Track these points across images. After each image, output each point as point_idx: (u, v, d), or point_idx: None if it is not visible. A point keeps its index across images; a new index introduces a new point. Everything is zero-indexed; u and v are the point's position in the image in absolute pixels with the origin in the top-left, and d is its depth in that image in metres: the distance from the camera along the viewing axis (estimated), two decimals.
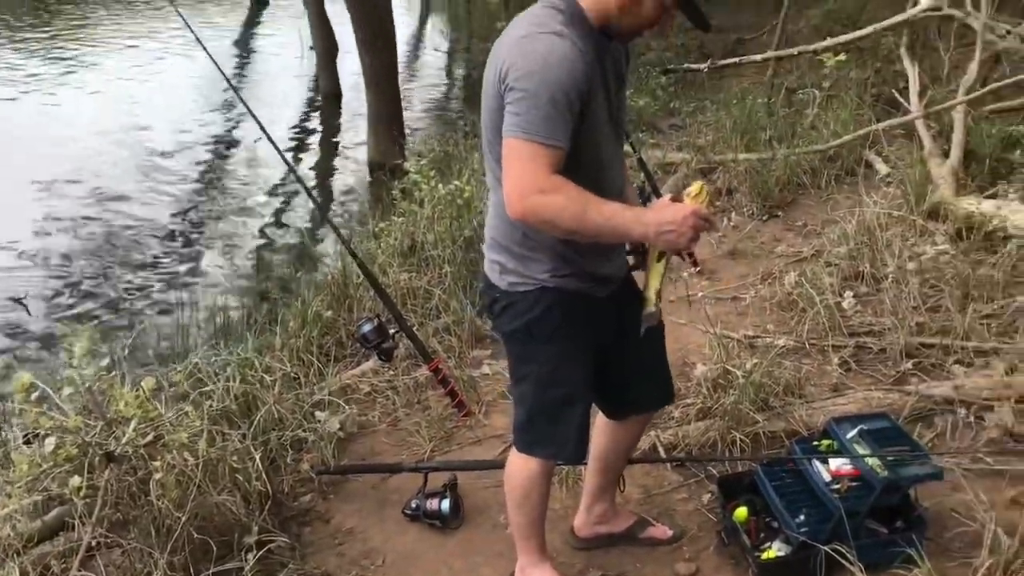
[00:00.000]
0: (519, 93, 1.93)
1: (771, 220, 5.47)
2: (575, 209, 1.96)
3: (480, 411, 3.70)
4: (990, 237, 4.39)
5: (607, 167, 2.20)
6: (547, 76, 1.92)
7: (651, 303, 2.24)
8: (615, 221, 2.01)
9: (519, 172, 1.95)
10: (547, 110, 1.92)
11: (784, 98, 7.30)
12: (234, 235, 6.91)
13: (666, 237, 2.02)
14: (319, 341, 4.19)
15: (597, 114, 2.06)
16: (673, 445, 3.24)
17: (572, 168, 1.98)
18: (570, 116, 1.95)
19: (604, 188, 2.10)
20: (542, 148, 1.93)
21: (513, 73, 1.95)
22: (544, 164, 1.93)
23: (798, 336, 3.90)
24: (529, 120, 1.92)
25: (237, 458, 2.97)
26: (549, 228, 2.01)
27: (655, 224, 2.01)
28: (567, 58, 1.94)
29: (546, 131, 1.92)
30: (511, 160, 1.97)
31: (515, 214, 1.98)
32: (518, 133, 1.94)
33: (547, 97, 1.91)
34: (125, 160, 8.60)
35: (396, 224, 5.13)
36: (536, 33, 1.97)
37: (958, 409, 3.24)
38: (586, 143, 2.03)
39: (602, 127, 2.11)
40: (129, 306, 5.62)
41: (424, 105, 11.09)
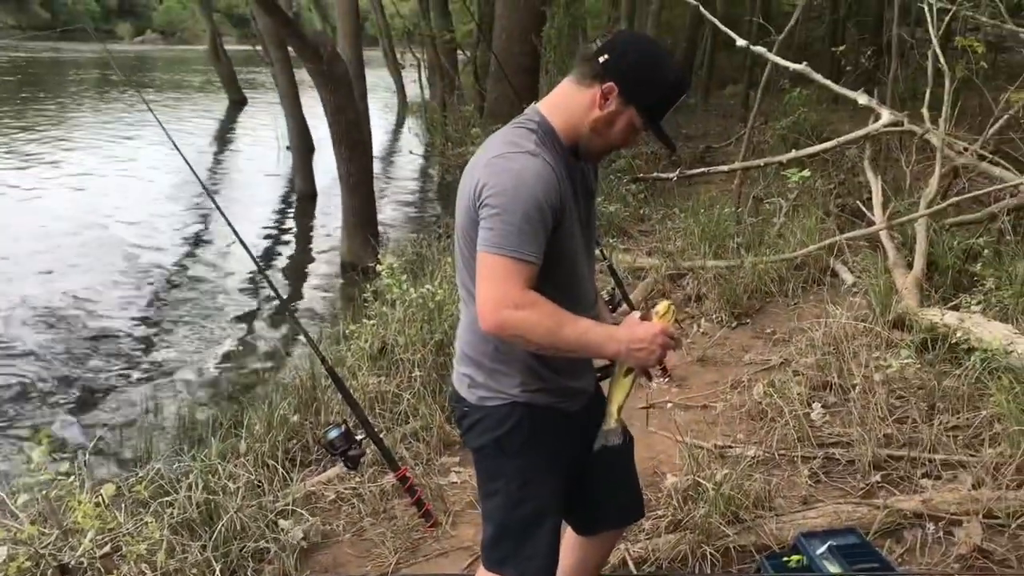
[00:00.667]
0: (493, 209, 1.96)
1: (740, 327, 5.52)
2: (549, 325, 1.97)
3: (447, 521, 3.64)
4: (954, 349, 4.45)
5: (580, 280, 2.22)
6: (520, 193, 1.95)
7: (612, 418, 2.23)
8: (588, 338, 2.03)
9: (492, 286, 1.97)
10: (520, 225, 1.94)
11: (752, 207, 7.46)
12: (202, 336, 6.85)
13: (636, 355, 2.05)
14: (285, 445, 4.12)
15: (570, 229, 2.09)
16: (643, 559, 3.19)
17: (546, 282, 2.00)
18: (543, 231, 1.98)
19: (578, 301, 2.12)
20: (515, 263, 1.95)
21: (487, 191, 1.98)
22: (517, 279, 1.95)
23: (768, 446, 3.90)
24: (503, 235, 1.95)
25: (197, 571, 2.90)
26: (522, 343, 2.02)
27: (627, 342, 2.04)
28: (540, 176, 1.98)
29: (519, 246, 1.95)
30: (484, 274, 1.98)
31: (488, 327, 1.98)
32: (492, 248, 1.96)
33: (521, 213, 1.94)
34: (94, 257, 8.59)
35: (367, 326, 5.12)
36: (510, 152, 2.02)
37: (927, 524, 3.23)
38: (560, 257, 2.06)
39: (575, 242, 2.14)
40: (92, 404, 5.53)
41: (398, 207, 11.22)
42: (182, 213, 10.38)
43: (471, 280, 2.12)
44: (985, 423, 3.80)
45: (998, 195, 5.98)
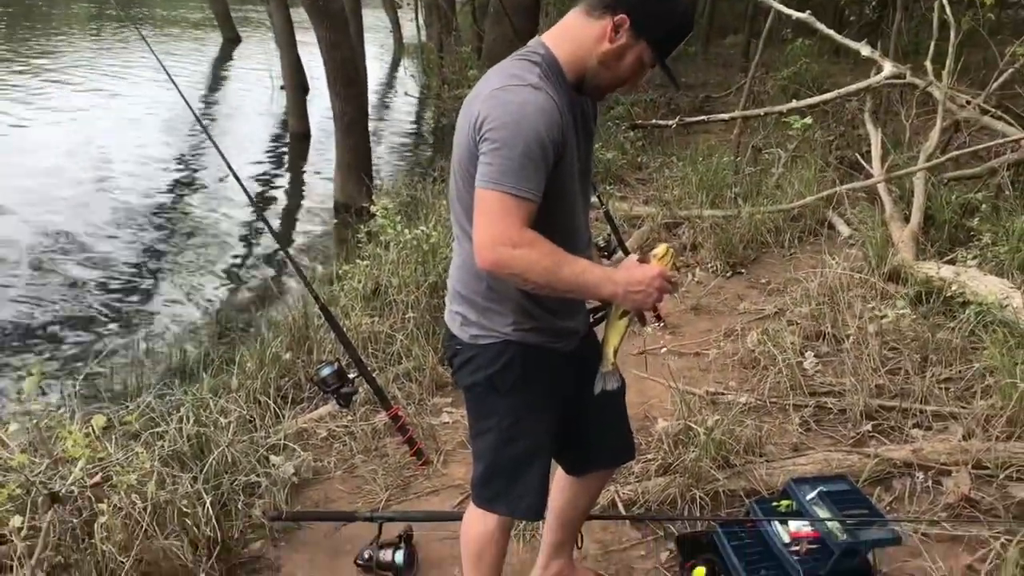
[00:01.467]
0: (493, 144, 1.92)
1: (735, 277, 5.51)
2: (546, 264, 1.94)
3: (438, 460, 3.65)
4: (949, 302, 4.45)
5: (576, 220, 2.19)
6: (522, 127, 1.91)
7: (608, 361, 2.23)
8: (585, 278, 2.01)
9: (491, 223, 1.93)
10: (521, 161, 1.90)
11: (750, 157, 7.41)
12: (195, 272, 6.81)
13: (633, 297, 2.03)
14: (277, 383, 4.12)
15: (570, 167, 2.05)
16: (632, 501, 3.21)
17: (542, 220, 1.96)
18: (544, 168, 1.94)
19: (573, 241, 2.10)
20: (514, 200, 1.91)
21: (488, 124, 1.93)
22: (516, 217, 1.92)
23: (760, 394, 3.90)
24: (503, 171, 1.90)
25: (187, 502, 2.88)
26: (519, 282, 1.99)
27: (624, 284, 2.02)
28: (543, 110, 1.93)
29: (519, 183, 1.91)
30: (482, 211, 1.95)
31: (485, 265, 1.95)
32: (491, 184, 1.92)
33: (522, 148, 1.90)
34: (87, 192, 8.50)
35: (360, 267, 5.09)
36: (512, 85, 1.97)
37: (916, 473, 3.25)
38: (558, 195, 2.02)
39: (574, 180, 2.10)
40: (83, 341, 5.50)
41: (393, 149, 11.11)
42: (175, 150, 10.26)
43: (466, 217, 2.09)
44: (977, 376, 3.81)
45: (999, 150, 5.95)
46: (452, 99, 11.28)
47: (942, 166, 6.03)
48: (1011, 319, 3.97)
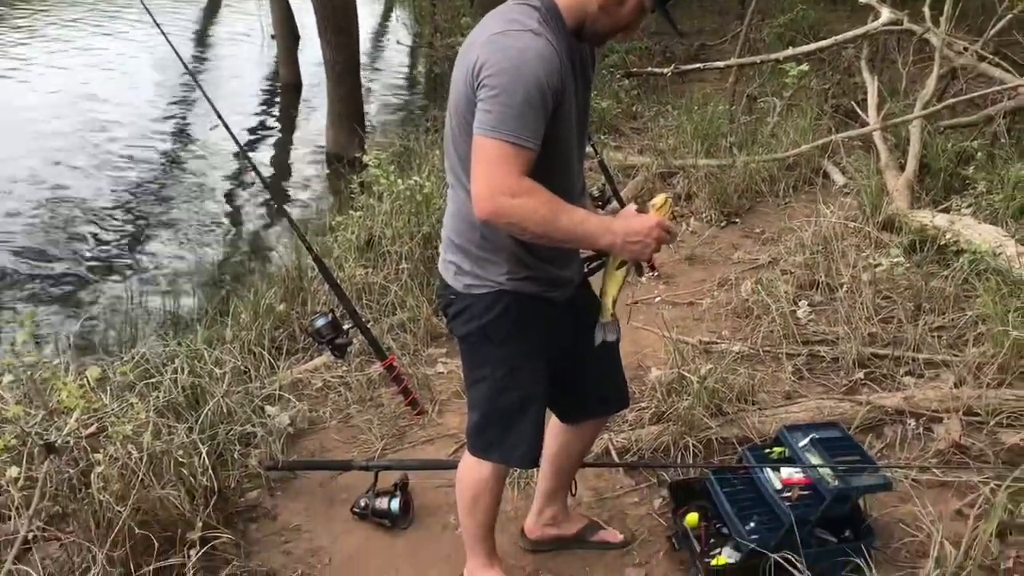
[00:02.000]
0: (493, 90, 1.89)
1: (729, 226, 5.50)
2: (545, 213, 1.93)
3: (433, 410, 3.66)
4: (943, 251, 4.45)
5: (571, 169, 2.18)
6: (522, 73, 1.88)
7: (608, 312, 2.24)
8: (584, 228, 2.00)
9: (489, 172, 1.91)
10: (521, 108, 1.88)
11: (745, 105, 7.34)
12: (187, 224, 6.77)
13: (632, 247, 2.03)
14: (271, 334, 4.12)
15: (567, 114, 2.03)
16: (626, 449, 3.24)
17: (538, 167, 1.94)
18: (543, 115, 1.92)
19: (569, 189, 2.08)
20: (513, 148, 1.89)
21: (487, 70, 1.90)
22: (515, 165, 1.90)
23: (753, 343, 3.92)
24: (502, 118, 1.88)
25: (183, 452, 2.90)
26: (517, 231, 1.98)
27: (622, 233, 2.01)
28: (543, 56, 1.90)
29: (519, 130, 1.88)
30: (481, 159, 1.92)
31: (483, 214, 1.93)
32: (489, 132, 1.89)
33: (522, 95, 1.88)
34: (78, 144, 8.40)
35: (353, 218, 5.06)
36: (511, 30, 1.93)
37: (908, 420, 3.28)
38: (555, 143, 2.00)
39: (571, 128, 2.08)
40: (77, 293, 5.48)
41: (385, 99, 10.98)
42: (166, 101, 10.12)
43: (462, 165, 2.07)
44: (970, 324, 3.83)
45: (995, 97, 5.91)
46: (445, 47, 11.12)
47: (938, 114, 6.00)
48: (1004, 267, 3.98)
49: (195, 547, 2.67)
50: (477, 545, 2.55)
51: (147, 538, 2.65)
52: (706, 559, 2.65)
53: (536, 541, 2.83)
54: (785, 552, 2.48)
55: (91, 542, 2.58)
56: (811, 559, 2.48)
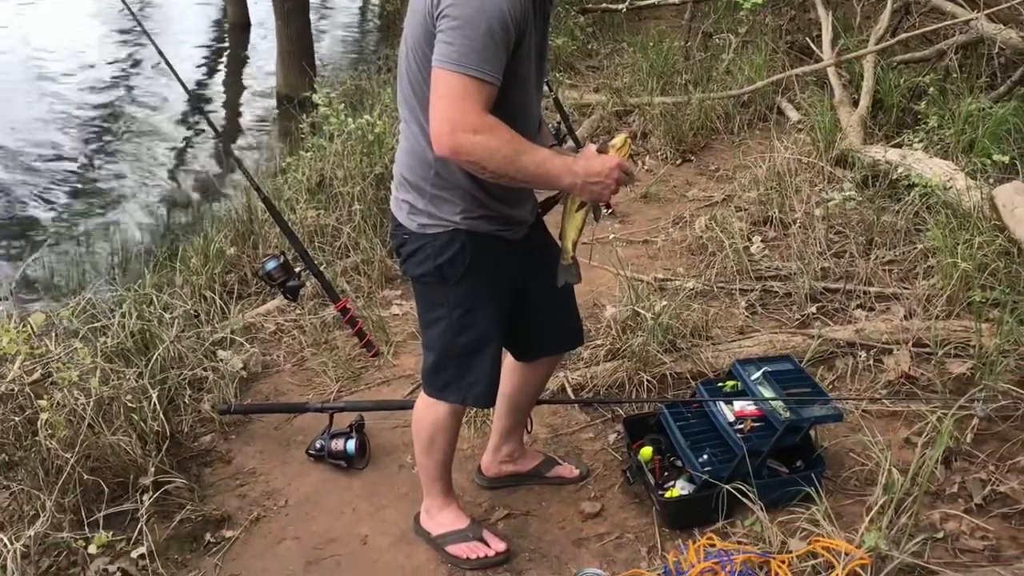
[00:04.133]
0: (454, 22, 1.83)
1: (684, 164, 5.49)
2: (507, 152, 1.89)
3: (388, 352, 3.64)
4: (895, 185, 4.48)
5: (530, 104, 2.14)
6: (486, 5, 1.82)
7: (568, 254, 2.22)
8: (545, 168, 1.96)
9: (450, 107, 1.86)
10: (484, 41, 1.82)
11: (701, 42, 7.29)
12: (135, 168, 6.62)
13: (592, 188, 2.01)
14: (222, 278, 4.07)
15: (527, 49, 1.98)
16: (581, 386, 3.25)
17: (498, 104, 1.90)
18: (505, 50, 1.87)
19: (525, 127, 2.04)
20: (475, 83, 1.84)
21: (449, 1, 1.84)
22: (477, 100, 1.85)
23: (707, 279, 3.93)
24: (463, 51, 1.82)
25: (132, 397, 2.86)
26: (477, 170, 1.93)
27: (583, 174, 1.99)
28: None
29: (481, 64, 1.83)
30: (441, 93, 1.87)
31: (442, 151, 1.89)
32: (450, 65, 1.83)
33: (485, 27, 1.82)
34: (20, 87, 8.16)
35: (304, 159, 4.98)
36: None
37: (859, 352, 3.31)
38: (514, 77, 1.95)
39: (530, 63, 2.03)
40: (21, 240, 5.35)
41: (336, 37, 10.76)
42: (110, 43, 9.83)
43: (417, 99, 2.02)
44: (920, 257, 3.87)
45: (948, 32, 5.90)
46: None
47: (891, 49, 5.99)
48: (954, 200, 4.01)
49: (148, 492, 2.65)
50: (434, 484, 2.55)
51: (98, 484, 2.63)
52: (660, 491, 2.68)
53: (493, 478, 2.84)
54: (738, 483, 2.52)
55: (40, 489, 2.56)
56: (763, 489, 2.52)
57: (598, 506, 2.76)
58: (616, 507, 2.77)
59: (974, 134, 4.66)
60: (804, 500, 2.53)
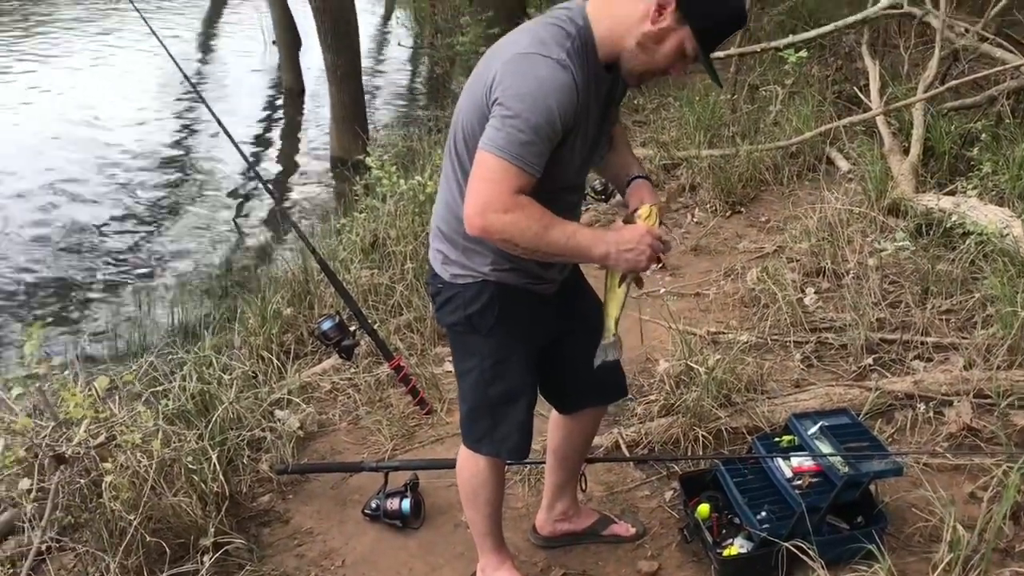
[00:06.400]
0: (506, 111, 1.90)
1: (734, 216, 5.48)
2: (536, 229, 1.93)
3: (442, 409, 3.67)
4: (949, 233, 4.42)
5: (571, 188, 2.20)
6: (538, 104, 1.88)
7: (610, 332, 2.21)
8: (576, 240, 1.99)
9: (485, 189, 1.92)
10: (531, 136, 1.89)
11: (747, 94, 7.32)
12: (193, 232, 6.79)
13: (626, 256, 2.02)
14: (279, 339, 4.13)
15: (574, 146, 2.03)
16: (636, 442, 3.23)
17: (535, 186, 1.95)
18: (550, 146, 1.93)
19: (562, 208, 2.07)
20: (515, 170, 1.90)
21: (505, 90, 1.91)
22: (513, 185, 1.91)
23: (760, 332, 3.90)
24: (509, 141, 1.89)
25: (193, 458, 2.91)
26: (508, 247, 1.99)
27: (615, 244, 2.01)
28: (562, 90, 1.90)
29: (524, 156, 1.90)
30: (480, 174, 1.93)
31: (474, 230, 1.95)
32: (495, 150, 1.90)
33: (533, 123, 1.88)
34: (80, 156, 8.40)
35: (358, 220, 5.07)
36: (538, 55, 1.91)
37: (918, 404, 3.26)
38: (555, 163, 1.99)
39: (576, 156, 2.08)
40: (84, 306, 5.50)
41: (387, 101, 10.99)
42: (168, 110, 10.12)
43: (459, 161, 2.10)
44: (978, 305, 3.80)
45: (998, 78, 5.86)
46: (445, 47, 11.11)
47: (941, 96, 5.95)
48: (1011, 248, 3.95)
49: (208, 553, 2.68)
50: (484, 540, 2.55)
51: (160, 545, 2.66)
52: (718, 550, 2.65)
53: (548, 537, 2.83)
54: (797, 540, 2.48)
55: (104, 551, 2.61)
56: (823, 546, 2.48)
57: (655, 565, 2.73)
58: (674, 566, 2.74)
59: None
60: (866, 557, 2.48)
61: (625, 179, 2.29)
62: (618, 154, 2.33)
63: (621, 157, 2.34)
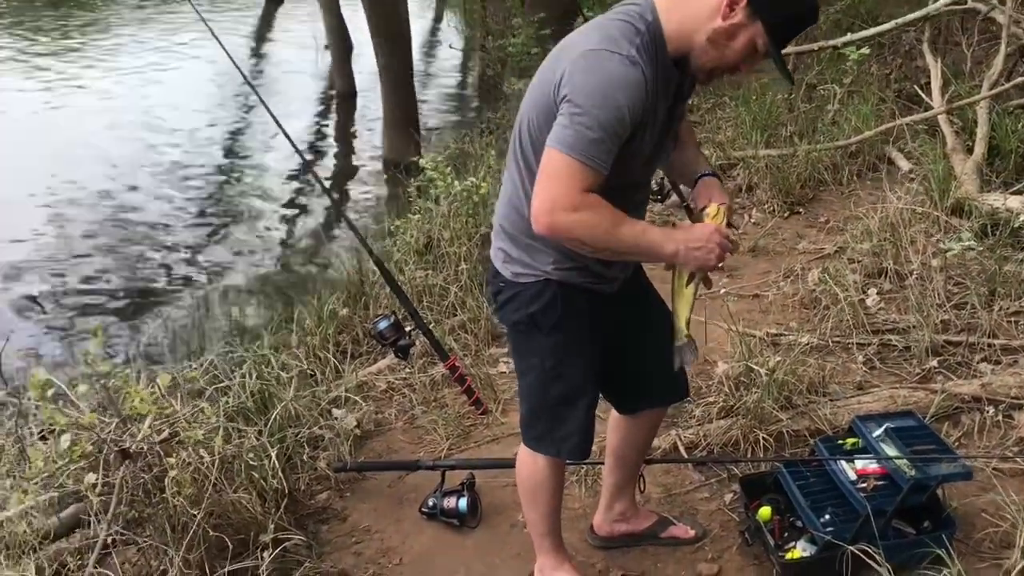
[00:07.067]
0: (574, 108, 1.89)
1: (792, 216, 5.40)
2: (606, 226, 1.93)
3: (497, 409, 3.66)
4: (1016, 234, 4.31)
5: (637, 187, 2.19)
6: (608, 101, 1.87)
7: (682, 334, 2.20)
8: (646, 238, 1.99)
9: (554, 187, 1.91)
10: (599, 134, 1.88)
11: (804, 93, 7.21)
12: (250, 233, 6.89)
13: (695, 254, 2.00)
14: (335, 339, 4.17)
15: (642, 143, 2.02)
16: (694, 444, 3.20)
17: (602, 184, 1.94)
18: (617, 144, 1.92)
19: (628, 205, 2.06)
20: (583, 168, 1.89)
21: (574, 87, 1.89)
22: (581, 183, 1.90)
23: (821, 334, 3.83)
24: (578, 138, 1.88)
25: (253, 455, 2.94)
26: (577, 246, 1.99)
27: (684, 241, 2.00)
28: (631, 86, 1.89)
29: (592, 154, 1.88)
30: (548, 172, 1.93)
31: (541, 229, 1.94)
32: (563, 148, 1.89)
33: (602, 121, 1.87)
34: (140, 157, 8.59)
35: (412, 222, 5.10)
36: (607, 51, 1.90)
37: (986, 408, 3.18)
38: (623, 159, 1.97)
39: (643, 152, 2.06)
40: (145, 304, 5.61)
41: (440, 103, 11.05)
42: (225, 113, 10.30)
43: (524, 158, 2.09)
44: None
45: None
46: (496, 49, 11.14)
47: (1007, 94, 5.81)
48: None
49: (268, 549, 2.70)
50: (543, 540, 2.54)
51: (221, 540, 2.69)
52: (780, 553, 2.60)
53: (606, 538, 2.81)
54: (862, 544, 2.43)
55: (167, 545, 2.64)
56: (889, 551, 2.42)
57: (716, 568, 2.69)
58: (734, 569, 2.70)
59: None
60: (934, 563, 2.42)
61: (693, 176, 2.26)
62: (685, 151, 2.31)
63: (688, 153, 2.31)
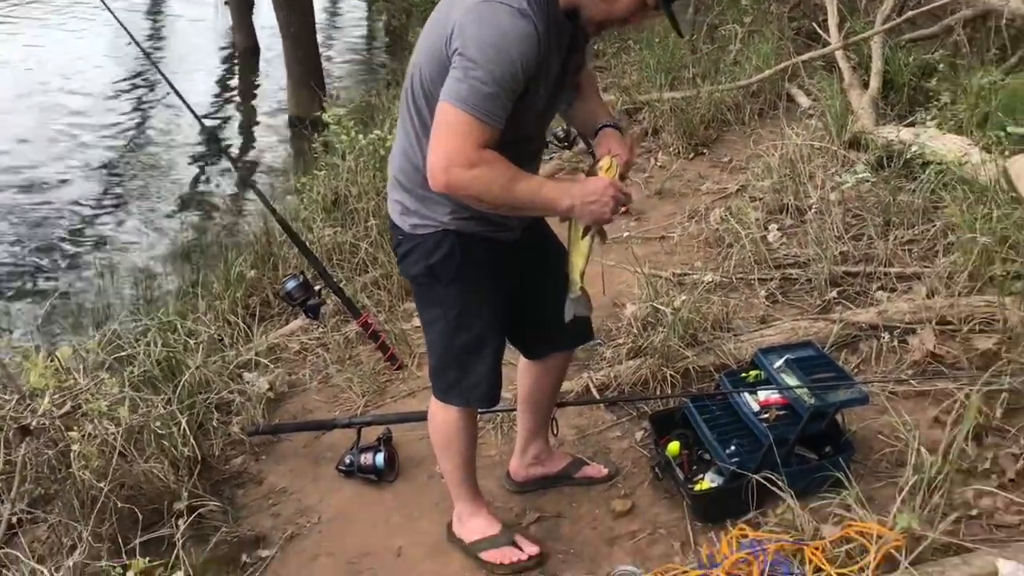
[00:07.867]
0: (467, 63, 1.87)
1: (697, 158, 5.48)
2: (502, 183, 1.93)
3: (412, 363, 3.66)
4: (909, 164, 4.44)
5: (531, 141, 2.19)
6: (501, 54, 1.86)
7: (576, 286, 2.19)
8: (542, 194, 1.99)
9: (449, 143, 1.90)
10: (493, 89, 1.87)
11: (706, 35, 7.27)
12: (151, 198, 6.70)
13: (591, 208, 2.01)
14: (244, 302, 4.12)
15: (536, 95, 2.01)
16: (606, 385, 3.25)
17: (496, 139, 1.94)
18: (512, 98, 1.91)
19: (522, 157, 2.06)
20: (478, 123, 1.88)
21: (465, 40, 1.87)
22: (477, 138, 1.89)
23: (725, 271, 3.92)
24: (472, 93, 1.86)
25: (162, 424, 2.90)
26: (473, 202, 1.98)
27: (579, 196, 2.00)
28: (524, 39, 1.88)
29: (487, 107, 1.88)
30: (443, 128, 1.91)
31: (438, 186, 1.94)
32: (457, 103, 1.88)
33: (496, 74, 1.86)
34: (34, 124, 8.25)
35: (318, 178, 5.02)
36: (499, 3, 1.88)
37: (882, 334, 3.29)
38: (516, 117, 1.97)
39: (537, 105, 2.06)
40: (44, 275, 5.43)
41: (344, 56, 10.83)
42: (121, 76, 9.92)
43: (416, 110, 2.07)
44: (939, 234, 3.83)
45: (954, 7, 5.85)
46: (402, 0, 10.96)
47: (898, 28, 5.95)
48: (970, 175, 3.98)
49: (183, 517, 2.67)
50: (459, 488, 2.57)
51: (133, 512, 2.66)
52: (689, 485, 2.68)
53: (522, 482, 2.85)
54: (767, 472, 2.51)
55: (76, 521, 2.60)
56: (792, 477, 2.51)
57: (629, 504, 2.76)
58: (647, 504, 2.77)
59: (987, 108, 4.60)
60: (834, 486, 2.50)
61: (594, 127, 2.27)
62: (586, 101, 2.31)
63: (589, 104, 2.32)
